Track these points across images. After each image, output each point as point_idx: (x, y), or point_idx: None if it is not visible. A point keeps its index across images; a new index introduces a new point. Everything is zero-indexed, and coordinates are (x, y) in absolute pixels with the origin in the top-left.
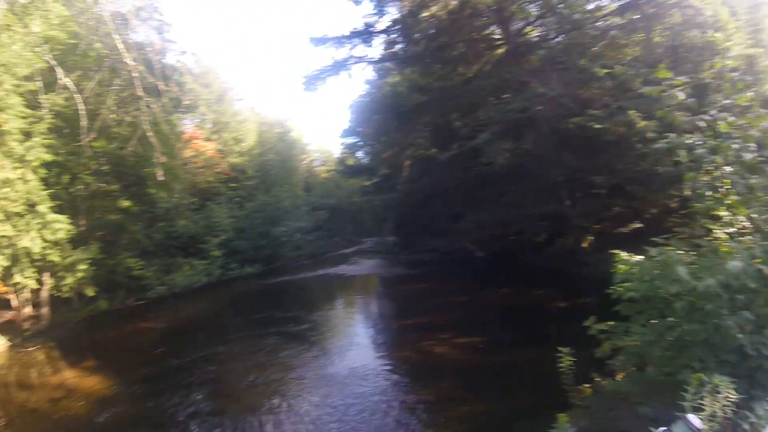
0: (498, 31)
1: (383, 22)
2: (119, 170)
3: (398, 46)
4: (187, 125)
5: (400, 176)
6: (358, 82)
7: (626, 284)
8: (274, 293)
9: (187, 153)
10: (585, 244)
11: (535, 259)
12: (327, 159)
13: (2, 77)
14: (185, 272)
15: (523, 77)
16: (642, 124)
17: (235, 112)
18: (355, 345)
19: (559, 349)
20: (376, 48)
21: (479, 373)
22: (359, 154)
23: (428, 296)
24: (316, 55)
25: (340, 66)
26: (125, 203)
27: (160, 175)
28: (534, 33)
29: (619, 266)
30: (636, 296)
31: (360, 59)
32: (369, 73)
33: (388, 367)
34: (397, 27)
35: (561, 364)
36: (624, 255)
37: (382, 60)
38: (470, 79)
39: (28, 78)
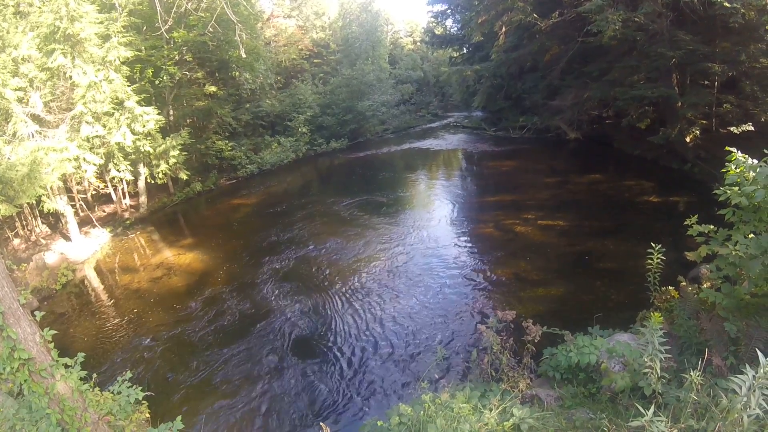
0: None
1: None
2: (202, 57)
3: None
4: (266, 4)
5: (494, 46)
6: None
7: (736, 188)
8: (359, 167)
9: (268, 33)
10: (688, 139)
11: (632, 147)
12: (413, 29)
13: None
14: (274, 150)
15: None
16: None
17: None
18: (436, 215)
19: (652, 245)
20: None
21: (560, 257)
22: (448, 22)
23: (514, 175)
24: None
25: None
26: (211, 89)
27: (242, 53)
28: None
29: (731, 167)
30: (745, 203)
31: None
32: None
33: (467, 241)
34: None
35: (649, 261)
36: (739, 155)
37: None
38: None
39: None
